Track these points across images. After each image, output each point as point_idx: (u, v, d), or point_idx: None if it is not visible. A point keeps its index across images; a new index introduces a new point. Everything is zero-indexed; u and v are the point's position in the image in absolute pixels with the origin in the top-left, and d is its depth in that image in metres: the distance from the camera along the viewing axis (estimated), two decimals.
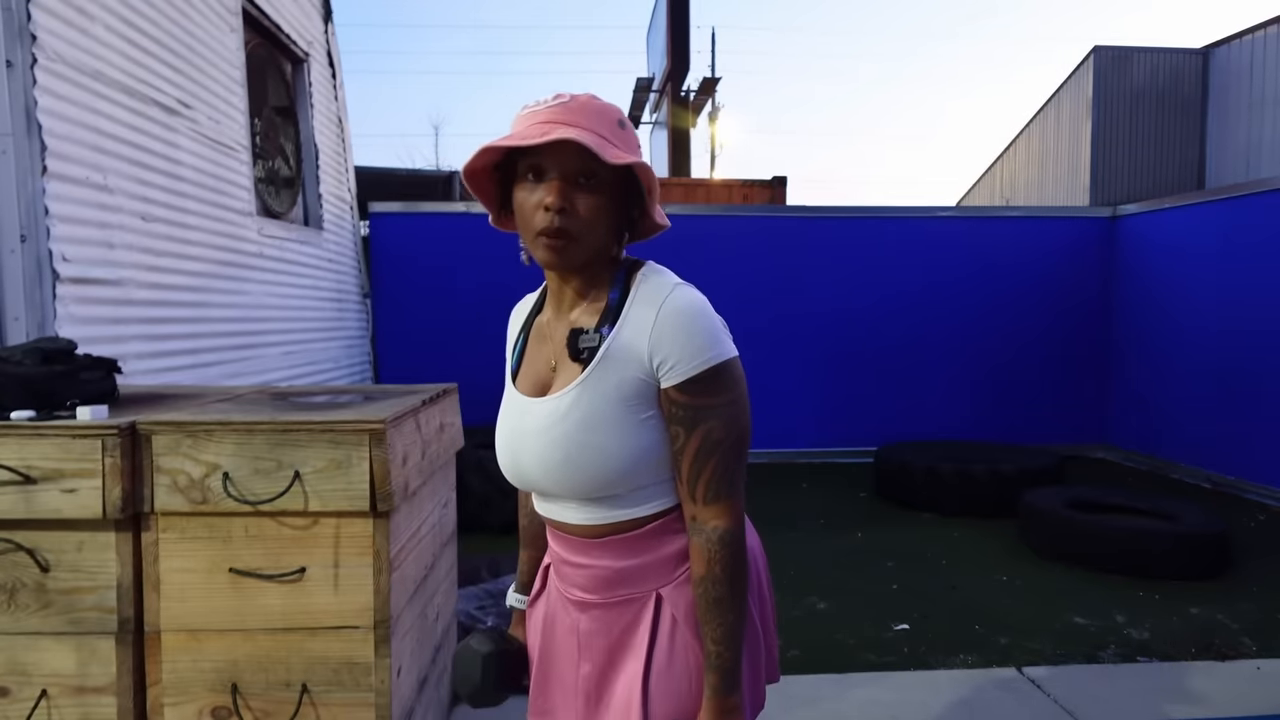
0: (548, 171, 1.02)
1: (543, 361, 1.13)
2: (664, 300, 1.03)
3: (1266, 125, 11.95)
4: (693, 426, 1.02)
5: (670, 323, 1.01)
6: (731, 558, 1.03)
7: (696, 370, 1.01)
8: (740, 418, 1.04)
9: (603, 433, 1.03)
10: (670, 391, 1.02)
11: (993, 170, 18.03)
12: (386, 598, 1.60)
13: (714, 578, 1.03)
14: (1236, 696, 2.66)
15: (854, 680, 2.78)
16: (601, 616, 1.12)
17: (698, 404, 1.02)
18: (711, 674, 1.04)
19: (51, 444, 1.50)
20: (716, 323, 1.04)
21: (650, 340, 1.02)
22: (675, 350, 1.01)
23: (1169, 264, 6.16)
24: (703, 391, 1.01)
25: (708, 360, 1.01)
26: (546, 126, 0.99)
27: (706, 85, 19.28)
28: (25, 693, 1.55)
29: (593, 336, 1.05)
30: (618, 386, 1.03)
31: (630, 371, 1.03)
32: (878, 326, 6.63)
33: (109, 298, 3.15)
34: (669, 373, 1.01)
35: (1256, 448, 5.28)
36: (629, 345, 1.03)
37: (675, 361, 1.01)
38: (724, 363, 1.02)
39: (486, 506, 4.37)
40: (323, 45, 6.01)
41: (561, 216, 1.01)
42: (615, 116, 1.05)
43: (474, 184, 1.10)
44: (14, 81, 2.67)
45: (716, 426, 1.02)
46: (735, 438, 1.04)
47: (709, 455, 1.02)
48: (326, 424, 1.56)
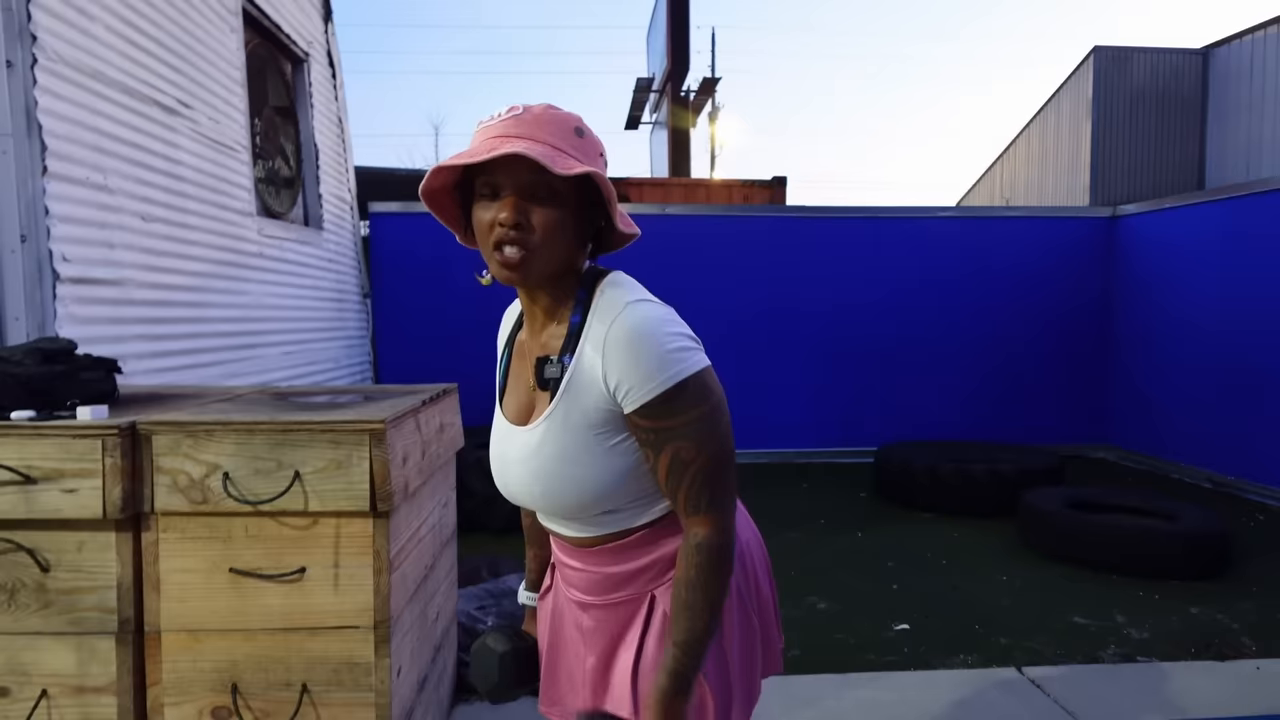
0: (502, 188, 1.01)
1: (523, 382, 1.13)
2: (610, 325, 1.00)
3: (1266, 125, 11.95)
4: (659, 448, 1.01)
5: (618, 349, 0.99)
6: (706, 566, 1.02)
7: (650, 395, 0.98)
8: (711, 433, 1.01)
9: (576, 464, 1.03)
10: (632, 416, 1.01)
11: (993, 170, 18.03)
12: (386, 598, 1.60)
13: (687, 581, 1.02)
14: (1236, 696, 2.66)
15: (854, 680, 2.78)
16: (600, 616, 1.15)
17: (659, 426, 1.00)
18: (663, 674, 1.03)
19: (51, 444, 1.50)
20: (669, 341, 1.00)
21: (603, 368, 1.00)
22: (627, 377, 0.99)
23: (1169, 264, 6.16)
24: (662, 414, 0.99)
25: (661, 384, 0.98)
26: (497, 141, 0.98)
27: (706, 85, 19.27)
28: (25, 693, 1.55)
29: (555, 366, 1.04)
30: (584, 416, 1.02)
31: (593, 400, 1.02)
32: (878, 326, 6.63)
33: (109, 298, 3.15)
34: (625, 398, 1.00)
35: (1256, 448, 5.28)
36: (588, 374, 1.02)
37: (629, 388, 0.99)
38: (679, 384, 0.99)
39: (486, 506, 4.36)
40: (323, 45, 6.01)
41: (516, 231, 0.99)
42: (572, 125, 1.03)
43: (435, 206, 1.09)
44: (14, 81, 2.67)
45: (684, 446, 1.00)
46: (709, 453, 1.01)
47: (681, 473, 1.01)
48: (326, 424, 1.56)
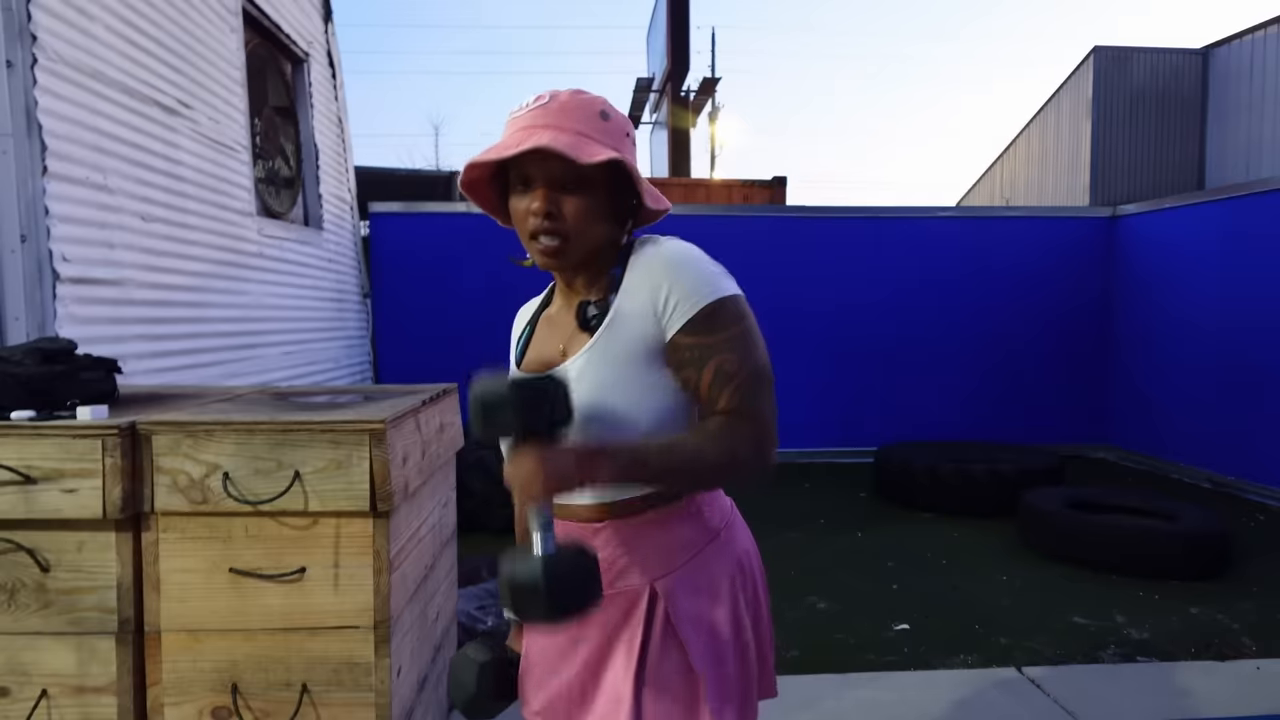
0: (533, 179, 1.04)
1: (551, 346, 1.14)
2: (656, 252, 1.06)
3: (1266, 125, 11.95)
4: (703, 364, 1.02)
5: (665, 269, 1.03)
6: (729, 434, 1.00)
7: (696, 309, 1.01)
8: (754, 349, 1.04)
9: (614, 396, 1.03)
10: (676, 339, 1.02)
11: (993, 170, 18.03)
12: (386, 598, 1.60)
13: (704, 429, 1.01)
14: (1236, 696, 2.66)
15: (854, 680, 2.78)
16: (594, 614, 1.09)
17: (703, 342, 1.02)
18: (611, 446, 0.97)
19: (51, 444, 1.50)
20: (711, 265, 1.06)
21: (650, 290, 1.03)
22: (674, 295, 1.02)
23: (1169, 264, 6.16)
24: (706, 330, 1.02)
25: (705, 297, 1.02)
26: (525, 133, 1.01)
27: (706, 85, 19.27)
28: (25, 693, 1.55)
29: (599, 304, 1.07)
30: (627, 347, 1.04)
31: (638, 329, 1.04)
32: (878, 326, 6.63)
33: (109, 298, 3.15)
34: (672, 316, 1.02)
35: (1256, 448, 5.28)
36: (633, 302, 1.04)
37: (676, 301, 1.02)
38: (723, 299, 1.03)
39: (486, 506, 4.36)
40: (323, 45, 6.01)
41: (549, 221, 1.03)
42: (597, 108, 1.06)
43: (475, 196, 1.12)
44: (14, 81, 2.67)
45: (729, 359, 1.02)
46: (752, 368, 1.03)
47: (725, 383, 1.02)
48: (326, 424, 1.56)
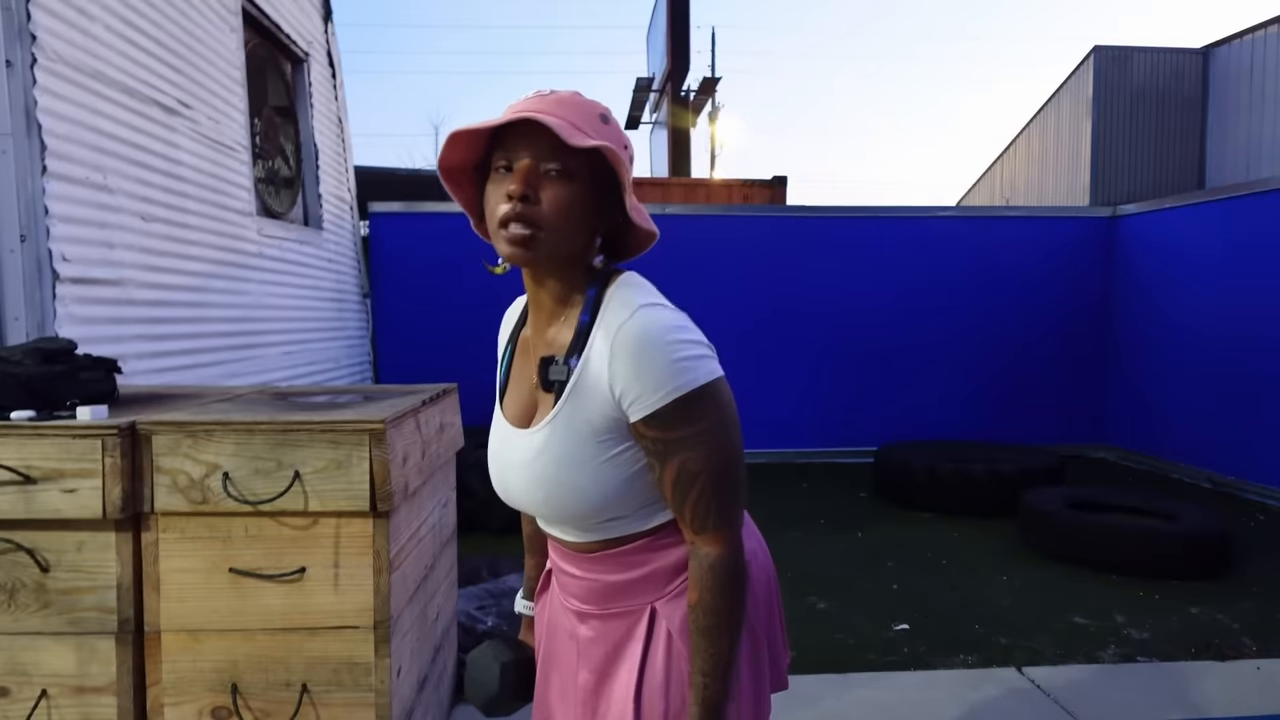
0: (516, 160, 0.96)
1: (526, 381, 1.10)
2: (618, 330, 0.95)
3: (1266, 125, 11.95)
4: (665, 460, 0.97)
5: (625, 356, 0.94)
6: (722, 587, 0.99)
7: (656, 406, 0.94)
8: (721, 445, 0.97)
9: (577, 472, 1.00)
10: (637, 425, 0.97)
11: (993, 170, 18.03)
12: (386, 598, 1.60)
13: (704, 607, 0.99)
14: (1236, 696, 2.66)
15: (854, 680, 2.78)
16: (598, 627, 1.11)
17: (666, 437, 0.96)
18: (696, 705, 1.00)
19: (51, 444, 1.50)
20: (679, 349, 0.95)
21: (609, 374, 0.96)
22: (632, 386, 0.94)
23: (1169, 264, 6.16)
24: (669, 425, 0.95)
25: (667, 394, 0.93)
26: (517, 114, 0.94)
27: (706, 85, 19.26)
28: (25, 693, 1.55)
29: (561, 369, 1.00)
30: (588, 422, 0.98)
31: (598, 406, 0.98)
32: (878, 326, 6.63)
33: (109, 298, 3.15)
34: (631, 407, 0.96)
35: (1256, 448, 5.28)
36: (594, 379, 0.97)
37: (635, 397, 0.95)
38: (689, 394, 0.94)
39: (486, 506, 4.36)
40: (323, 45, 6.01)
41: (524, 205, 0.94)
42: (597, 111, 1.00)
43: (453, 185, 1.05)
44: (14, 81, 2.67)
45: (691, 458, 0.96)
46: (716, 466, 0.97)
47: (688, 487, 0.97)
48: (326, 424, 1.56)
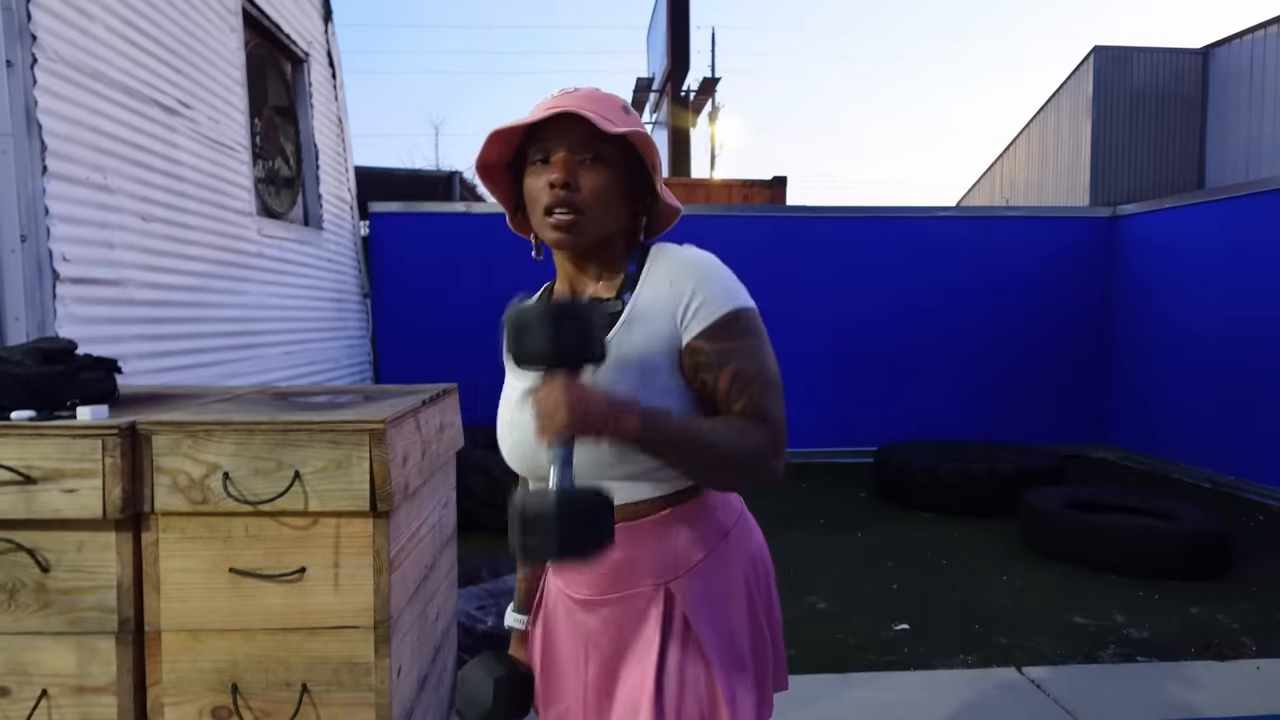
0: (553, 152, 1.05)
1: None
2: (680, 256, 1.07)
3: (1266, 125, 11.95)
4: (722, 367, 1.03)
5: (689, 275, 1.04)
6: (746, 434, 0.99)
7: (717, 315, 1.03)
8: (769, 360, 1.05)
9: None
10: (694, 343, 1.03)
11: (993, 170, 18.03)
12: (386, 598, 1.60)
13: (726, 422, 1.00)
14: (1236, 696, 2.66)
15: (854, 680, 2.78)
16: (608, 615, 1.10)
17: (722, 348, 1.03)
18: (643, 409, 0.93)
19: (51, 444, 1.50)
20: (731, 276, 1.08)
21: (672, 294, 1.04)
22: (696, 299, 1.03)
23: (1169, 264, 6.16)
24: (725, 335, 1.03)
25: (727, 304, 1.03)
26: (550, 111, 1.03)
27: (706, 85, 19.27)
28: (25, 693, 1.55)
29: (615, 303, 1.06)
30: (642, 349, 1.03)
31: (654, 330, 1.03)
32: (878, 326, 6.63)
33: (109, 298, 3.15)
34: (692, 320, 1.03)
35: (1256, 448, 5.28)
36: (652, 303, 1.05)
37: (697, 308, 1.03)
38: (745, 309, 1.05)
39: (486, 506, 4.37)
40: (323, 45, 6.01)
41: (567, 191, 1.03)
42: (619, 103, 1.09)
43: (490, 181, 1.12)
44: (14, 81, 2.67)
45: (746, 365, 1.03)
46: (768, 375, 1.04)
47: (744, 387, 1.02)
48: (326, 424, 1.56)
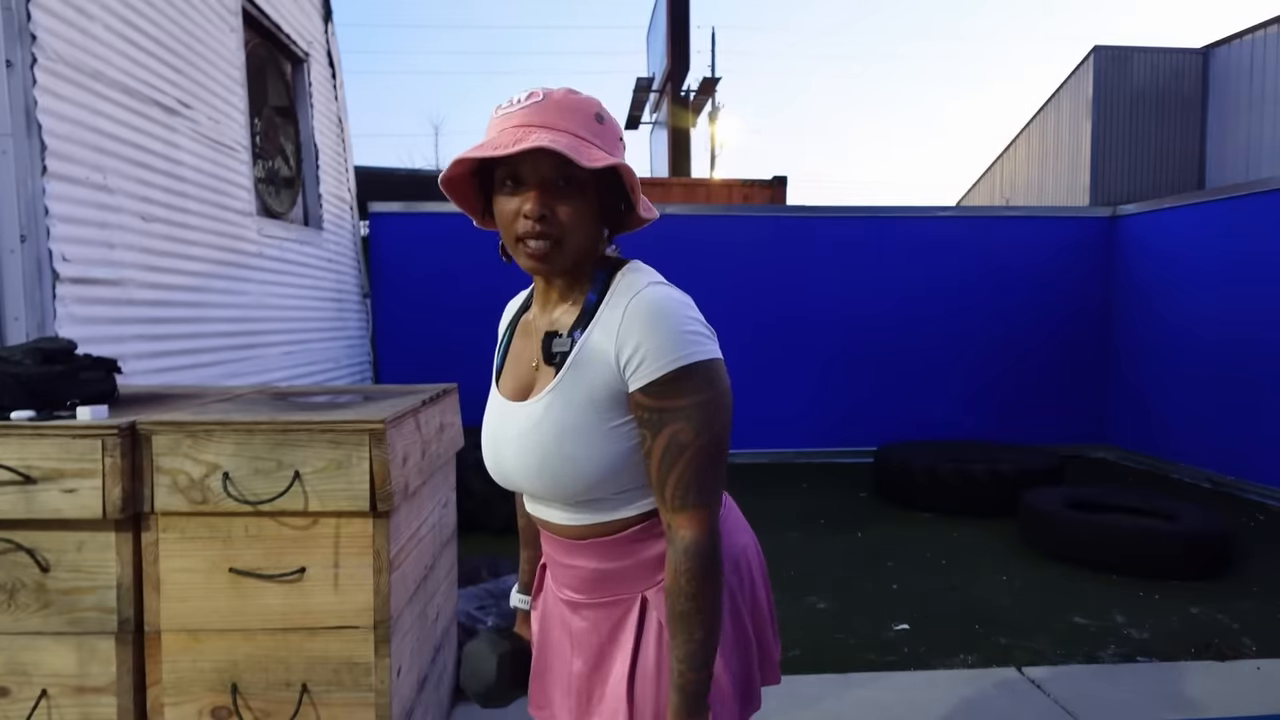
0: (525, 179, 1.00)
1: (525, 360, 1.12)
2: (630, 299, 0.99)
3: (1266, 125, 11.95)
4: (658, 429, 0.98)
5: (634, 323, 0.98)
6: (698, 570, 0.98)
7: (660, 373, 0.97)
8: (713, 423, 0.99)
9: (574, 442, 1.01)
10: (636, 395, 0.99)
11: (993, 170, 18.02)
12: (386, 598, 1.60)
13: (679, 590, 0.99)
14: (1236, 696, 2.66)
15: (854, 680, 2.78)
16: (590, 616, 1.12)
17: (662, 406, 0.98)
18: (674, 693, 1.00)
19: (51, 444, 1.50)
20: (687, 324, 0.99)
21: (616, 341, 0.99)
22: (639, 352, 0.97)
23: (1169, 264, 6.16)
24: (668, 394, 0.97)
25: (671, 362, 0.96)
26: (520, 131, 0.96)
27: (706, 85, 19.25)
28: (25, 693, 1.55)
29: (565, 340, 1.03)
30: (589, 392, 1.00)
31: (600, 375, 1.00)
32: (878, 326, 6.63)
33: (109, 298, 3.15)
34: (634, 375, 0.98)
35: (1256, 448, 5.28)
36: (598, 347, 1.00)
37: (639, 363, 0.97)
38: (692, 365, 0.97)
39: (486, 506, 4.37)
40: (323, 45, 6.01)
41: (542, 224, 0.99)
42: (592, 110, 1.02)
43: (453, 192, 1.07)
44: (14, 81, 2.67)
45: (683, 429, 0.97)
46: (706, 442, 0.98)
47: (675, 458, 0.98)
48: (326, 424, 1.56)
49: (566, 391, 1.01)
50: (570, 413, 1.01)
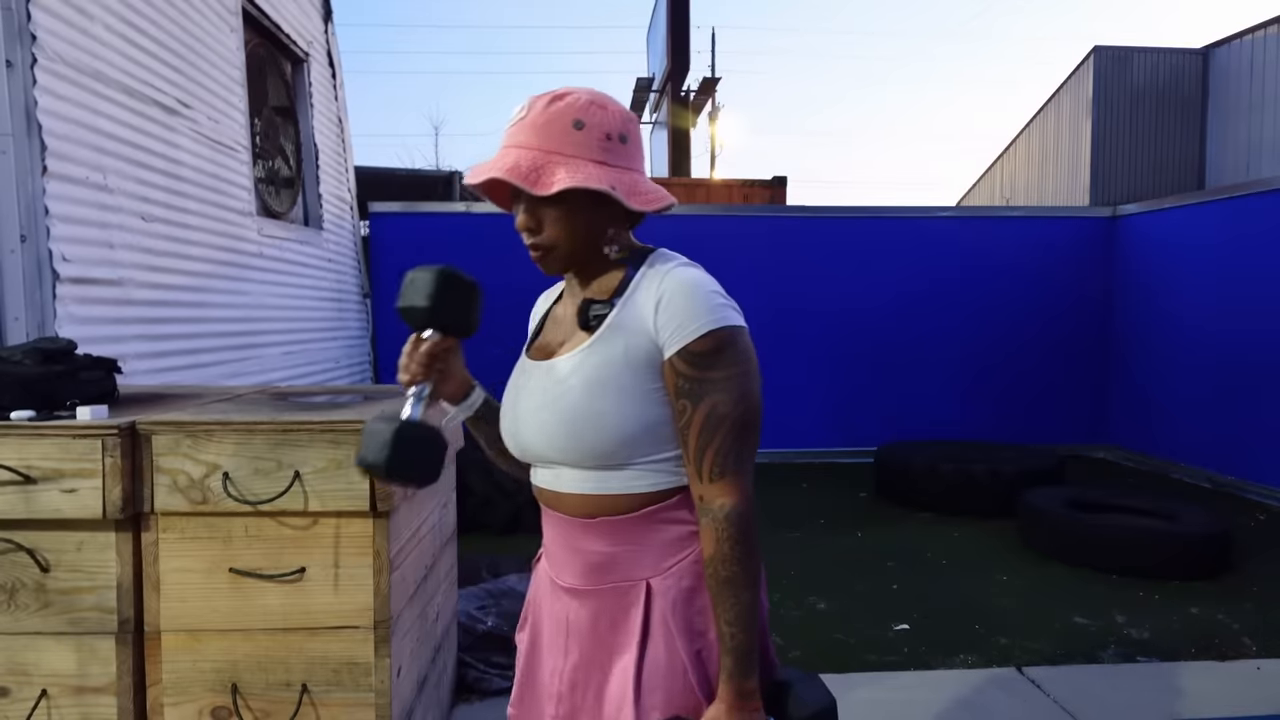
0: (518, 195, 1.09)
1: (555, 338, 1.16)
2: (669, 271, 1.07)
3: (1266, 125, 11.95)
4: (698, 399, 1.03)
5: (671, 290, 1.04)
6: (741, 536, 1.03)
7: (696, 334, 1.02)
8: (749, 393, 1.05)
9: (603, 398, 1.04)
10: (674, 361, 1.03)
11: (993, 170, 18.03)
12: (386, 598, 1.60)
13: (723, 557, 1.03)
14: (1236, 696, 2.66)
15: (854, 680, 2.78)
16: (592, 604, 1.12)
17: (702, 376, 1.03)
18: (726, 656, 1.03)
19: (51, 444, 1.50)
20: (720, 297, 1.06)
21: (655, 307, 1.05)
22: (676, 316, 1.03)
23: (1169, 264, 6.16)
24: (707, 364, 1.03)
25: (708, 324, 1.02)
26: (501, 154, 1.06)
27: (706, 85, 19.27)
28: (25, 693, 1.55)
29: (603, 306, 1.08)
30: (625, 353, 1.05)
31: (637, 339, 1.05)
32: (878, 326, 6.63)
33: (109, 298, 3.15)
34: (670, 338, 1.03)
35: (1256, 448, 5.28)
36: (636, 313, 1.06)
37: (676, 326, 1.03)
38: (727, 330, 1.03)
39: (486, 506, 4.37)
40: (323, 45, 6.01)
41: (530, 235, 1.09)
42: (569, 119, 1.05)
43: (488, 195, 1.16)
44: (14, 81, 2.67)
45: (723, 400, 1.03)
46: (742, 412, 1.04)
47: (715, 429, 1.03)
48: (326, 424, 1.56)
49: (601, 350, 1.06)
50: (602, 369, 1.05)
